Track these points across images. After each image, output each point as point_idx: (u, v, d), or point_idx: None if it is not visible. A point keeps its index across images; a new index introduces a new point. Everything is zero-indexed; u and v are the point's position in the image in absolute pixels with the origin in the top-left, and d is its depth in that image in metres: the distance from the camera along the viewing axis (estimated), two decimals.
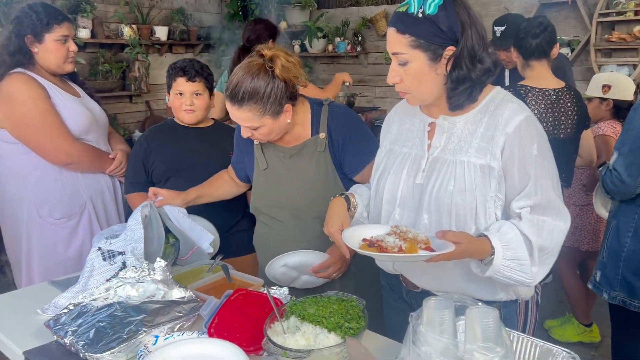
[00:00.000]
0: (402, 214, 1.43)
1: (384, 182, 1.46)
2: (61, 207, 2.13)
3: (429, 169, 1.38)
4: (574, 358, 1.06)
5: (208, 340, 1.21)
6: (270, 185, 1.81)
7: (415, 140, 1.44)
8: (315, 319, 1.30)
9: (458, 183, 1.31)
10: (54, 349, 1.29)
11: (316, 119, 1.75)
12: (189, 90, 2.13)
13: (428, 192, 1.36)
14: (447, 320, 0.83)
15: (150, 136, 2.20)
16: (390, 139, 1.53)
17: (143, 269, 1.47)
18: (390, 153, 1.50)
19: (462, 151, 1.34)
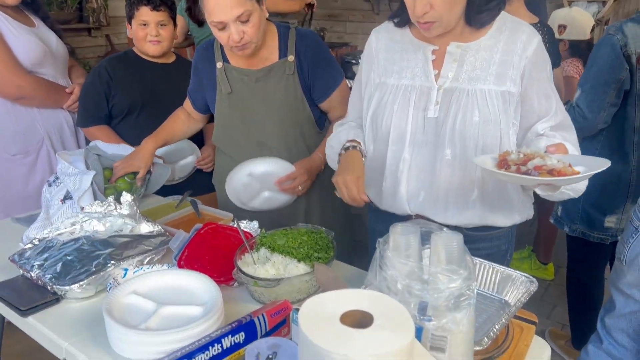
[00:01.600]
0: (413, 152, 1.35)
1: (386, 119, 1.36)
2: (16, 143, 2.06)
3: (442, 100, 1.30)
4: (532, 282, 1.12)
5: (178, 272, 1.22)
6: (234, 111, 1.75)
7: (416, 70, 1.35)
8: (285, 249, 1.33)
9: (483, 113, 1.26)
10: (21, 282, 1.28)
11: (284, 42, 1.71)
12: (154, 19, 2.03)
13: (449, 126, 1.29)
14: (413, 245, 0.86)
15: (111, 67, 2.08)
16: (378, 70, 1.41)
17: (109, 204, 1.45)
18: (383, 86, 1.39)
19: (479, 80, 1.28)
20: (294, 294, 1.23)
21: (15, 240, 1.52)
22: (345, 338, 0.65)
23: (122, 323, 1.02)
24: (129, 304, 1.11)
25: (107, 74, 2.06)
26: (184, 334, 1.00)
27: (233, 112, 1.76)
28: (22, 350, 2.39)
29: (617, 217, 2.04)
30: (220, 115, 1.79)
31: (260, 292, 1.23)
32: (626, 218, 2.00)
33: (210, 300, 1.11)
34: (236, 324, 1.02)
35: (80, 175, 1.60)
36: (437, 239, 0.84)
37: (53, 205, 1.58)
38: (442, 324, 0.81)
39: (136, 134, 2.05)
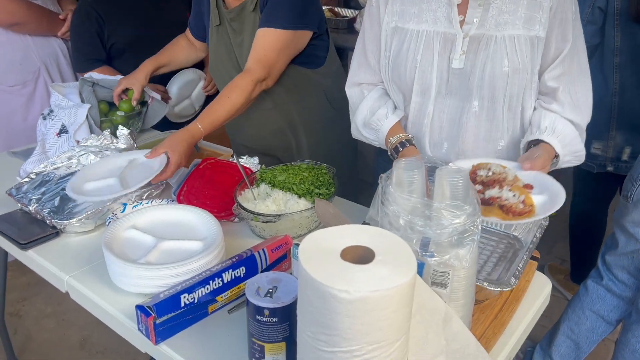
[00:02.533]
0: (437, 104, 1.28)
1: (409, 70, 1.27)
2: (13, 73, 2.00)
3: (469, 49, 1.21)
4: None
5: (177, 207, 1.20)
6: (220, 44, 1.69)
7: (438, 15, 1.24)
8: (286, 185, 1.31)
9: (512, 62, 1.19)
10: (20, 216, 1.27)
11: None
12: None
13: (477, 77, 1.22)
14: (417, 180, 0.83)
15: (96, 3, 1.94)
16: (394, 12, 1.29)
17: (105, 137, 1.42)
18: (401, 32, 1.28)
19: (507, 24, 1.19)
20: (294, 230, 1.22)
21: (12, 173, 1.50)
22: (346, 273, 0.63)
23: (121, 257, 1.02)
24: (129, 238, 1.10)
25: (94, 11, 1.92)
26: (184, 268, 1.00)
27: (219, 45, 1.69)
28: (28, 281, 2.45)
29: (602, 143, 1.98)
30: (210, 45, 1.73)
31: (260, 228, 1.22)
32: (612, 145, 1.96)
33: (211, 235, 1.10)
34: (237, 259, 1.02)
35: (75, 108, 1.56)
36: (441, 175, 0.81)
37: (49, 139, 1.55)
38: (445, 260, 0.79)
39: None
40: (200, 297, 0.95)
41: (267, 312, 0.80)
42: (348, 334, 0.63)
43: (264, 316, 0.80)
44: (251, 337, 0.84)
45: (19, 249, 1.19)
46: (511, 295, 1.03)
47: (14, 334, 2.14)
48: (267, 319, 0.81)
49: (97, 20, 1.93)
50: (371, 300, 0.61)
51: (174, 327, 0.93)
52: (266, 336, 0.82)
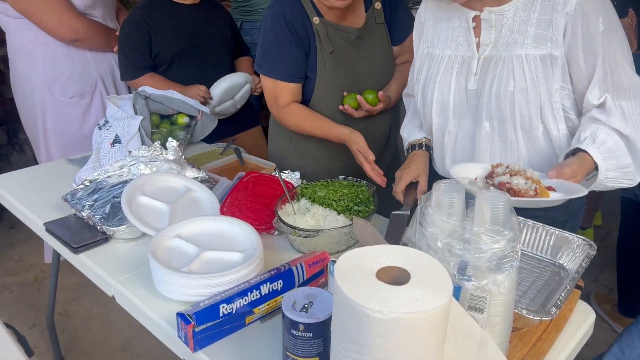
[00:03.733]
0: (457, 124, 1.32)
1: (430, 91, 1.33)
2: (72, 86, 2.11)
3: (481, 70, 1.24)
4: (591, 245, 1.07)
5: (220, 219, 1.24)
6: (338, 70, 1.62)
7: (459, 39, 1.29)
8: (325, 201, 1.32)
9: (518, 82, 1.18)
10: (73, 221, 1.34)
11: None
12: None
13: (486, 97, 1.23)
14: (457, 203, 0.83)
15: (146, 15, 2.03)
16: (427, 41, 1.38)
17: (155, 148, 1.48)
18: (430, 58, 1.35)
19: (516, 44, 1.19)
20: (332, 245, 1.23)
21: (69, 180, 1.59)
22: (380, 294, 0.64)
23: (165, 265, 1.06)
24: (173, 247, 1.14)
25: (144, 21, 2.01)
26: (224, 279, 1.02)
27: (337, 71, 1.62)
28: (77, 282, 2.56)
29: None
30: (323, 76, 1.62)
31: (299, 242, 1.24)
32: None
33: (251, 247, 1.13)
34: (275, 272, 1.04)
35: (128, 119, 1.64)
36: (482, 198, 0.81)
37: (103, 148, 1.62)
38: (482, 284, 0.79)
39: (182, 80, 2.08)
40: (238, 308, 0.97)
41: (302, 326, 0.81)
42: (380, 354, 0.63)
43: (298, 330, 0.82)
44: (285, 350, 0.86)
45: (71, 252, 1.25)
46: (551, 323, 1.00)
47: (61, 334, 2.23)
48: (301, 334, 0.82)
49: (147, 30, 2.01)
50: (404, 321, 0.61)
51: (212, 336, 0.96)
52: (300, 350, 0.83)
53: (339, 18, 1.61)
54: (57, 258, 1.77)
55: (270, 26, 1.58)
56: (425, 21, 1.38)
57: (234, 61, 2.28)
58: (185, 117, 1.82)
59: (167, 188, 1.39)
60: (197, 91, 2.04)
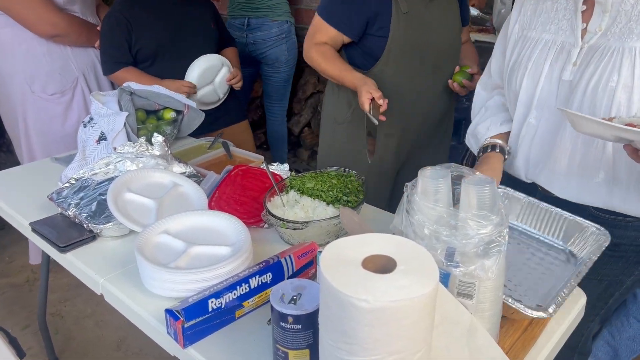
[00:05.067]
0: (539, 117, 1.18)
1: (519, 78, 1.20)
2: (53, 83, 2.08)
3: (582, 61, 1.09)
4: (605, 234, 1.05)
5: (208, 213, 1.22)
6: (411, 32, 1.67)
7: (562, 23, 1.15)
8: (314, 192, 1.31)
9: (623, 77, 1.02)
10: (60, 220, 1.32)
11: None
12: None
13: (580, 91, 1.08)
14: (443, 189, 0.82)
15: (126, 10, 2.01)
16: (523, 22, 1.24)
17: (141, 144, 1.46)
18: (524, 40, 1.22)
19: (632, 34, 1.03)
20: (322, 236, 1.22)
21: (55, 179, 1.56)
22: (366, 283, 0.63)
23: (153, 261, 1.05)
24: (160, 243, 1.13)
25: (123, 17, 1.99)
26: (212, 273, 1.01)
27: (410, 33, 1.68)
28: (69, 282, 2.54)
29: None
30: (396, 35, 1.67)
31: (289, 234, 1.23)
32: None
33: (239, 241, 1.12)
34: (264, 265, 1.03)
35: (113, 116, 1.61)
36: (468, 184, 0.80)
37: (89, 145, 1.60)
38: (470, 270, 0.78)
39: (164, 75, 2.06)
40: (227, 302, 0.96)
41: (291, 319, 0.81)
42: (368, 344, 0.63)
43: (287, 323, 0.81)
44: (275, 343, 0.85)
45: (58, 251, 1.24)
46: None
47: (55, 334, 2.22)
48: (290, 326, 0.81)
49: (127, 26, 2.00)
50: (391, 310, 0.61)
51: (201, 332, 0.95)
52: (290, 343, 0.83)
53: None
54: (47, 258, 1.76)
55: None
56: (523, 4, 1.25)
57: (219, 52, 2.26)
58: (172, 112, 1.80)
59: (153, 184, 1.38)
60: (178, 86, 2.03)
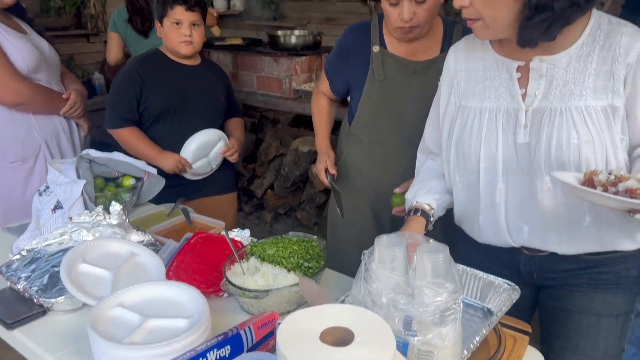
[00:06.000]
0: (508, 182, 1.20)
1: (474, 147, 1.22)
2: (14, 150, 2.05)
3: (532, 123, 1.15)
4: (514, 289, 1.10)
5: (165, 284, 1.20)
6: (384, 99, 1.69)
7: (500, 90, 1.20)
8: (275, 259, 1.31)
9: (583, 134, 1.09)
10: (8, 294, 1.26)
11: (448, 37, 1.66)
12: (187, 19, 2.04)
13: (543, 151, 1.13)
14: (398, 257, 0.84)
15: (142, 68, 2.08)
16: (458, 93, 1.28)
17: (98, 213, 1.44)
18: (464, 111, 1.26)
19: (573, 95, 1.11)
20: (283, 305, 1.21)
21: (6, 250, 1.51)
22: (324, 357, 0.63)
23: (106, 337, 1.00)
24: (115, 316, 1.09)
25: (138, 75, 2.05)
26: (168, 348, 0.98)
27: (383, 100, 1.70)
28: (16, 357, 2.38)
29: None
30: (367, 101, 1.72)
31: (249, 304, 1.21)
32: None
33: (197, 313, 1.09)
34: (222, 337, 1.00)
35: (70, 184, 1.59)
36: (422, 251, 0.82)
37: (43, 214, 1.57)
38: (428, 339, 0.79)
39: (165, 137, 2.11)
40: None
41: None
42: None
43: None
44: None
45: (5, 328, 1.18)
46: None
47: None
48: None
49: (139, 83, 2.05)
50: None
51: None
52: None
53: (408, 52, 1.66)
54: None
55: (342, 38, 1.79)
56: (456, 73, 1.30)
57: (224, 122, 2.30)
58: (131, 179, 1.79)
59: (110, 254, 1.34)
60: (175, 162, 2.07)
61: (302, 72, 3.41)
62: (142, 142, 2.08)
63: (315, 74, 3.52)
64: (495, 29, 1.12)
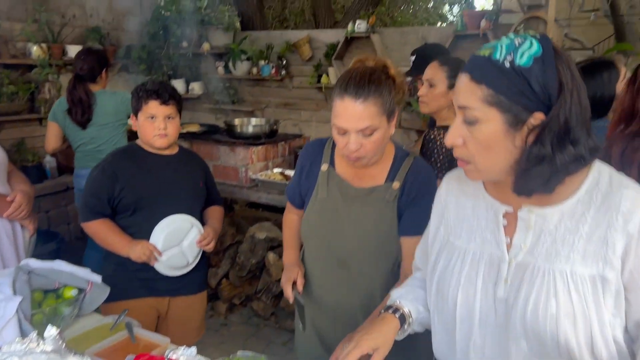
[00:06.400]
0: (484, 336, 1.08)
1: (452, 290, 1.11)
2: None
3: (513, 277, 1.03)
4: None
5: None
6: (323, 218, 1.66)
7: (486, 234, 1.09)
8: None
9: (563, 305, 0.95)
10: None
11: (396, 167, 1.61)
12: (162, 113, 2.05)
13: (519, 313, 1.00)
14: None
15: (116, 162, 2.07)
16: (447, 227, 1.18)
17: (31, 340, 1.34)
18: (451, 247, 1.15)
19: (559, 257, 0.98)
20: None
21: None
22: None
23: None
24: None
25: (111, 169, 2.04)
26: None
27: (322, 219, 1.66)
28: None
29: None
30: (308, 217, 1.70)
31: None
32: None
33: None
34: None
35: (4, 301, 1.50)
36: None
37: None
38: None
39: (145, 227, 2.05)
40: None
41: None
42: None
43: None
44: None
45: None
46: None
47: None
48: None
49: (112, 177, 2.02)
50: None
51: None
52: None
53: (355, 175, 1.63)
54: None
55: (300, 153, 1.80)
56: (447, 204, 1.20)
57: (204, 210, 2.28)
58: (73, 289, 1.70)
59: None
60: (143, 250, 1.99)
61: (258, 161, 3.45)
62: (112, 233, 2.04)
63: (272, 162, 3.56)
64: (488, 174, 1.03)
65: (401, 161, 1.62)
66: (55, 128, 3.27)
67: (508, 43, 0.95)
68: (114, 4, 5.14)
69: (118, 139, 3.28)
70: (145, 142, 2.11)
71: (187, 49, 5.25)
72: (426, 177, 1.61)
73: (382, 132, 1.48)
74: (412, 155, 1.64)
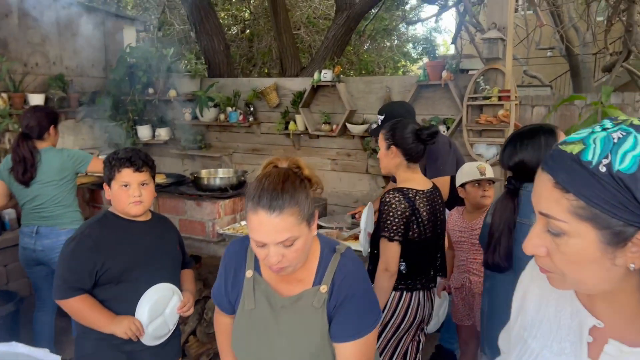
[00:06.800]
0: None
1: None
2: None
3: None
4: None
5: None
6: (252, 330, 1.51)
7: (565, 345, 0.90)
8: None
9: None
10: None
11: (323, 267, 1.48)
12: (136, 180, 2.02)
13: None
14: None
15: (94, 233, 1.98)
16: (524, 321, 1.00)
17: None
18: (524, 347, 0.98)
19: None
20: None
21: None
22: None
23: None
24: None
25: (91, 241, 1.96)
26: None
27: (250, 333, 1.51)
28: None
29: None
30: (236, 332, 1.54)
31: None
32: None
33: None
34: None
35: None
36: None
37: None
38: None
39: (129, 298, 2.00)
40: None
41: None
42: None
43: None
44: None
45: None
46: None
47: None
48: None
49: (91, 249, 1.94)
50: None
51: None
52: None
53: (281, 281, 1.49)
54: None
55: (223, 256, 1.61)
56: (527, 294, 1.02)
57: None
58: None
59: None
60: (129, 325, 1.95)
61: (225, 215, 3.42)
62: (93, 311, 1.95)
63: (240, 215, 3.54)
64: (578, 287, 0.84)
65: (327, 261, 1.49)
66: (1, 185, 3.21)
67: (603, 139, 0.74)
68: (78, 51, 5.10)
69: (63, 196, 3.20)
70: (120, 210, 2.07)
71: (154, 95, 5.22)
72: (355, 276, 1.49)
73: (303, 239, 1.37)
74: (338, 251, 1.51)
